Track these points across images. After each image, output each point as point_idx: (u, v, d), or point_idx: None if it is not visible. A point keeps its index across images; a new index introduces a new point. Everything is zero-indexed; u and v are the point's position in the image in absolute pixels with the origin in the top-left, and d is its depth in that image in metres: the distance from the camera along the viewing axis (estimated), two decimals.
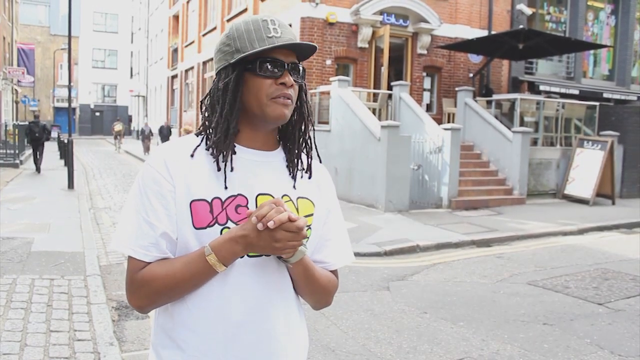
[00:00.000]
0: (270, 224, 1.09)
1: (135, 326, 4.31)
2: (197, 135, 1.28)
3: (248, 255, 1.20)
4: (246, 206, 1.21)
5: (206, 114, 1.27)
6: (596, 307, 5.09)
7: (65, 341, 3.85)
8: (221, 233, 1.18)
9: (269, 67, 1.21)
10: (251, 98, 1.22)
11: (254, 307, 1.21)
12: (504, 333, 4.38)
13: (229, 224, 1.19)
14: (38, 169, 15.99)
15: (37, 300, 4.64)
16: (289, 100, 1.23)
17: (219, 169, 1.21)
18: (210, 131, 1.24)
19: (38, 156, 16.17)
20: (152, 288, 1.18)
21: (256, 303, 1.21)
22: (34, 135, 16.14)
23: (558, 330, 4.46)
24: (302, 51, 1.27)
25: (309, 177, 1.34)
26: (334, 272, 1.40)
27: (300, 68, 1.27)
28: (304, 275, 1.26)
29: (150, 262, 1.19)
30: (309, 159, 1.36)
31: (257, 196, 1.23)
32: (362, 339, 4.19)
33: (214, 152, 1.22)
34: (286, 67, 1.22)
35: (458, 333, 4.36)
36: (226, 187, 1.20)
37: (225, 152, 1.21)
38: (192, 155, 1.22)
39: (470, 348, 4.06)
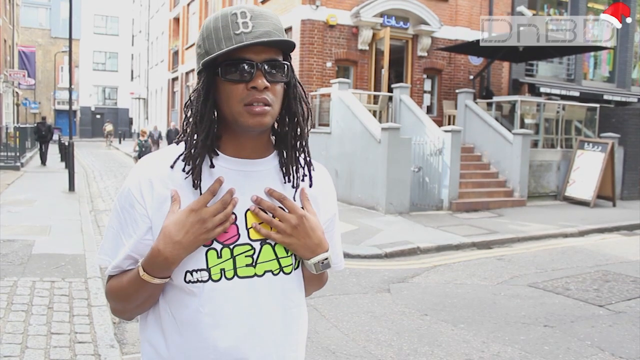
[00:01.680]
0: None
1: (135, 328, 4.30)
2: (177, 143, 1.17)
3: (238, 277, 1.12)
4: (234, 223, 1.13)
5: (184, 123, 1.16)
6: (597, 309, 5.09)
7: (66, 343, 3.85)
8: (206, 254, 1.10)
9: (235, 70, 1.06)
10: (224, 105, 1.10)
11: (245, 333, 1.14)
12: (504, 335, 4.38)
13: (215, 244, 1.11)
14: (44, 162, 18.63)
15: (38, 303, 4.64)
16: (267, 107, 1.08)
17: (195, 187, 1.11)
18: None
19: (44, 151, 18.85)
20: (111, 299, 1.21)
21: (248, 328, 1.14)
22: (41, 134, 18.84)
23: (559, 332, 4.46)
24: (285, 44, 1.10)
25: (310, 186, 1.23)
26: None
27: (285, 64, 1.11)
28: (321, 275, 1.31)
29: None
30: (308, 165, 1.23)
31: (246, 212, 1.14)
32: (363, 341, 4.19)
33: (185, 167, 1.12)
34: (257, 67, 1.06)
35: (459, 335, 4.36)
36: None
37: (194, 170, 1.10)
38: (172, 167, 1.13)
39: (471, 350, 4.06)
